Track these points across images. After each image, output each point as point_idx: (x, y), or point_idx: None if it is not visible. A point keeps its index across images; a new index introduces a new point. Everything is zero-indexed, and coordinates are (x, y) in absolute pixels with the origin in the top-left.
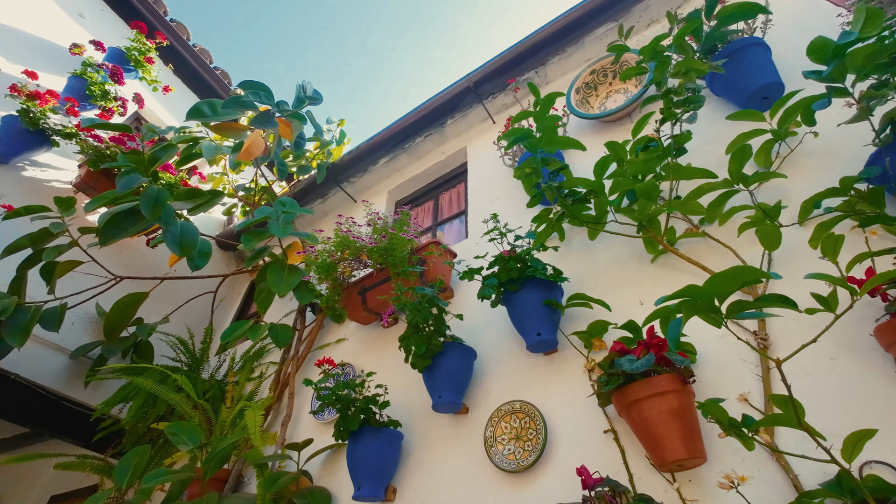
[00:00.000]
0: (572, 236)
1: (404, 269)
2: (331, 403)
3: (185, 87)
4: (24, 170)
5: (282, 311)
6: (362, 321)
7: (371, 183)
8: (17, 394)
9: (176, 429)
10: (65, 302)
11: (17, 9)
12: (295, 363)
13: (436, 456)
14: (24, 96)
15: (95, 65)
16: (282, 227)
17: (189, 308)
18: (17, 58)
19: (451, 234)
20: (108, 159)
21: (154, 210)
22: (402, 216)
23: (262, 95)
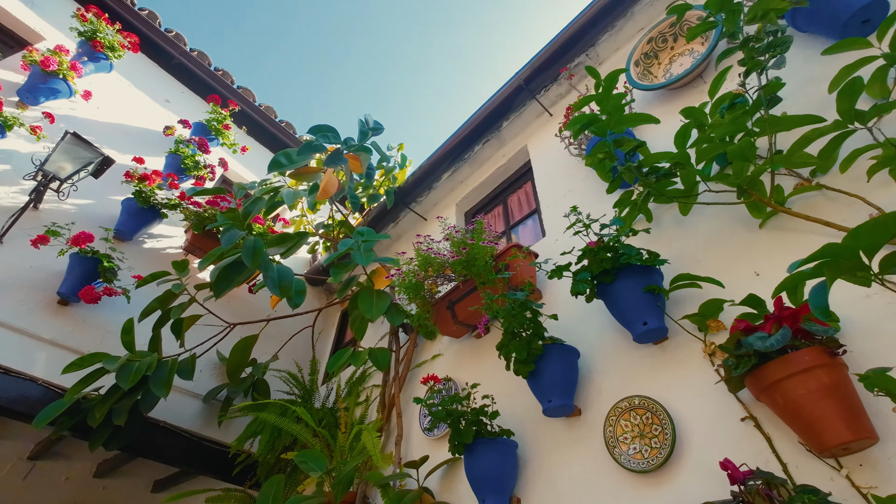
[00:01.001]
0: (660, 215)
1: (490, 278)
2: (442, 419)
3: (257, 143)
4: (144, 243)
5: (376, 334)
6: (454, 334)
7: (438, 199)
8: (166, 438)
9: (304, 457)
10: (194, 352)
11: (121, 108)
12: (397, 383)
13: (555, 462)
14: (135, 180)
15: (185, 141)
16: (364, 255)
17: (292, 343)
18: (126, 148)
19: (527, 234)
20: (207, 221)
21: (254, 259)
22: (478, 225)
23: (329, 136)
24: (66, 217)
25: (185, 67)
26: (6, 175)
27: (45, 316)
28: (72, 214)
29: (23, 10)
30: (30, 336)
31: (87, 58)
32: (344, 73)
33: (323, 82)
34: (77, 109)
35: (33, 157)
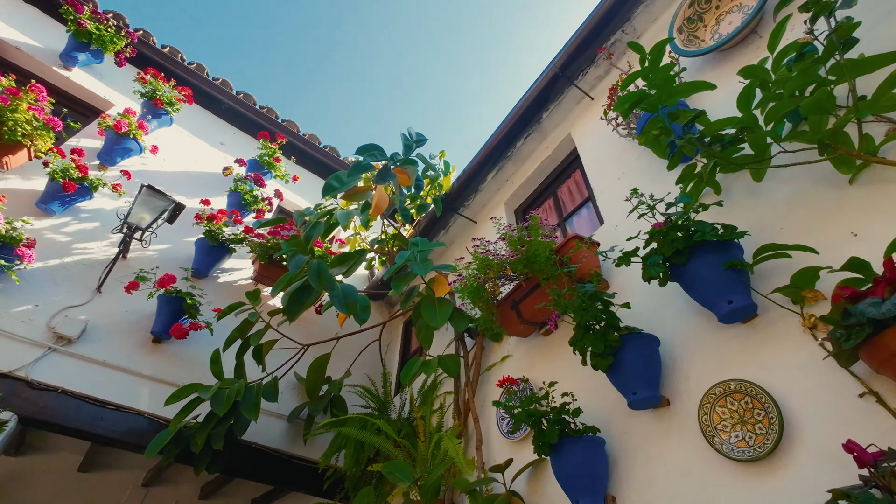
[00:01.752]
0: (730, 186)
1: (553, 273)
2: (523, 420)
3: (306, 171)
4: (218, 278)
5: (442, 342)
6: (522, 334)
7: (485, 200)
8: (260, 459)
9: (390, 468)
10: (275, 375)
11: (183, 156)
12: (470, 388)
13: (648, 456)
14: (204, 221)
15: (242, 178)
16: (422, 265)
17: (361, 358)
18: (193, 192)
19: (583, 224)
20: (271, 250)
21: (320, 280)
22: (533, 221)
23: (376, 154)
24: (151, 262)
25: (233, 110)
26: (97, 231)
27: (143, 354)
28: (155, 259)
29: (92, 82)
30: (132, 374)
31: (151, 115)
32: (372, 87)
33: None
34: (148, 163)
35: (117, 212)
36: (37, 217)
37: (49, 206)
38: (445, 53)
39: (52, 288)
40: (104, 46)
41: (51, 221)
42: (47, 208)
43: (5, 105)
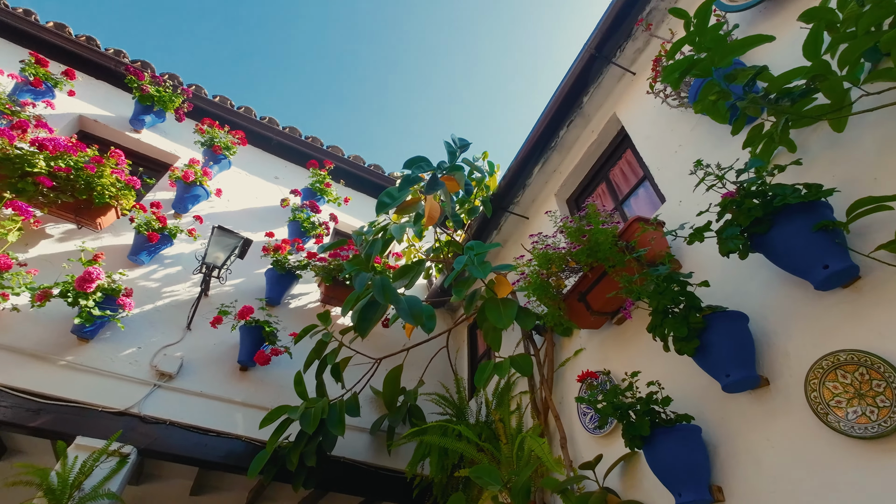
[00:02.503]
0: (805, 141)
1: (619, 260)
2: (609, 414)
3: (355, 191)
4: (289, 304)
5: (510, 342)
6: (593, 325)
7: (534, 195)
8: (349, 472)
9: (478, 472)
10: (354, 391)
11: (244, 195)
12: (546, 386)
13: (752, 441)
14: (271, 252)
15: (298, 207)
16: (480, 268)
17: (432, 366)
18: (257, 227)
19: (642, 205)
20: (334, 272)
21: (385, 296)
22: (590, 209)
23: (423, 166)
24: (229, 297)
25: (282, 144)
26: (180, 274)
27: (233, 382)
28: (232, 294)
29: (159, 140)
30: (226, 401)
31: (212, 161)
32: (403, 101)
33: (388, 118)
34: (215, 206)
35: (195, 255)
36: (129, 268)
37: (138, 256)
38: (474, 56)
39: (150, 330)
40: (165, 106)
41: (141, 270)
42: (137, 259)
43: (93, 173)
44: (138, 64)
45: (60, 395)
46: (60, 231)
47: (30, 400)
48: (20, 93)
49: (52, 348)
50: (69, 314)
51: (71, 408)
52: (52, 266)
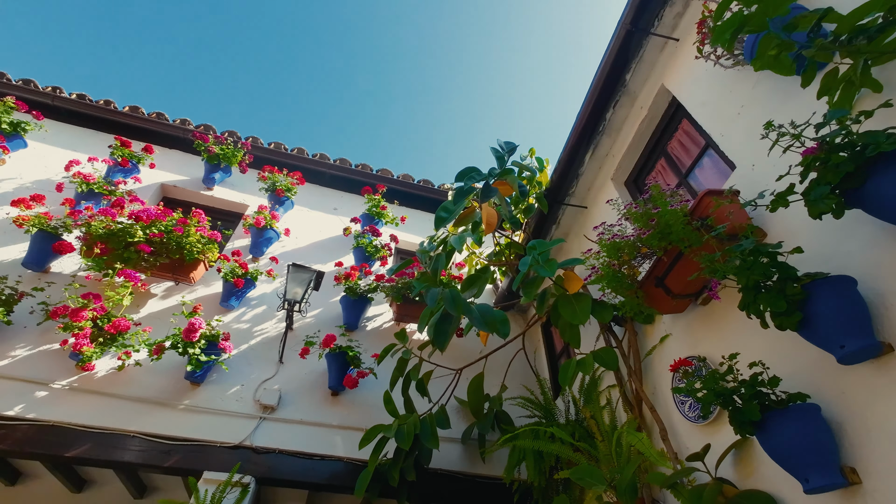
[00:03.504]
0: (889, 78)
1: (695, 239)
2: (712, 401)
3: (410, 209)
4: (366, 327)
5: (588, 336)
6: (675, 310)
7: (589, 183)
8: (447, 483)
9: (580, 474)
10: (440, 403)
11: (309, 230)
12: (635, 378)
13: (883, 416)
14: (343, 280)
15: (360, 233)
16: (547, 267)
17: (511, 370)
18: (325, 258)
19: (709, 175)
20: (403, 291)
21: (457, 308)
22: (654, 190)
23: (474, 176)
24: (312, 328)
25: (335, 177)
26: (265, 313)
27: (327, 407)
28: (314, 324)
29: (229, 193)
30: (324, 426)
31: (277, 204)
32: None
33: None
34: (286, 245)
35: (276, 293)
36: (222, 314)
37: (228, 302)
38: (504, 59)
39: (249, 368)
40: (229, 161)
41: (233, 314)
42: (228, 304)
43: (181, 234)
44: (201, 128)
45: (184, 436)
46: (162, 289)
47: (160, 442)
48: (113, 173)
49: (172, 395)
50: (181, 362)
51: (194, 446)
52: (161, 321)
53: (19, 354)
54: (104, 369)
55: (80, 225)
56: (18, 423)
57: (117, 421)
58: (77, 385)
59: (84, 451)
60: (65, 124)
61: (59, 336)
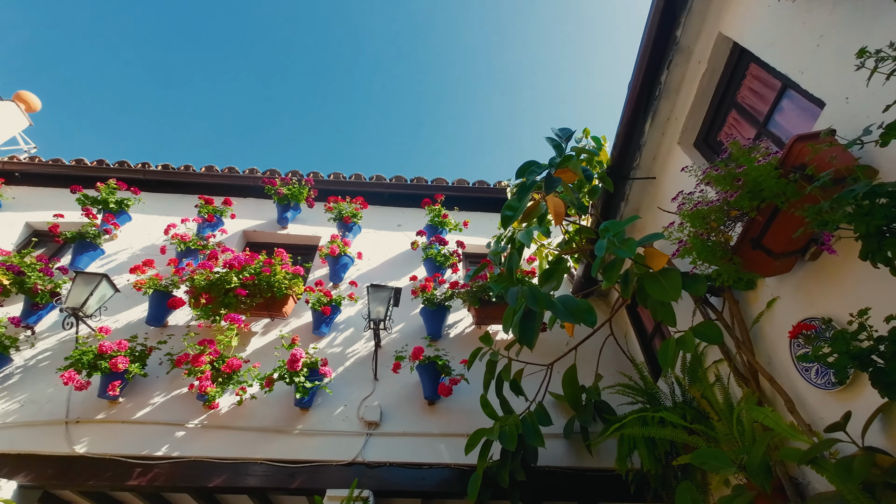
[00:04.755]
0: None
1: (792, 192)
2: (846, 364)
3: (470, 212)
4: (449, 335)
5: (682, 312)
6: (780, 270)
7: (653, 152)
8: (557, 480)
9: (702, 457)
10: (537, 401)
11: (378, 250)
12: (745, 349)
13: None
14: (419, 292)
15: (427, 245)
16: (625, 247)
17: (603, 358)
18: (400, 273)
19: (792, 118)
20: (479, 294)
21: (539, 303)
22: (733, 147)
23: (535, 170)
24: (398, 342)
25: (394, 195)
26: (353, 335)
27: (426, 416)
28: (400, 339)
29: (302, 228)
30: (426, 435)
31: (346, 230)
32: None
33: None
34: (361, 268)
35: (361, 314)
36: (316, 341)
37: (320, 329)
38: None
39: (348, 389)
40: (297, 199)
41: (325, 340)
42: (319, 332)
43: (269, 274)
44: (268, 173)
45: (303, 458)
46: (261, 326)
47: (284, 466)
48: (203, 229)
49: (286, 421)
50: (289, 391)
51: (313, 466)
52: (265, 356)
53: (157, 401)
54: (226, 406)
55: (185, 280)
56: (165, 461)
57: (244, 451)
58: (207, 423)
59: (222, 481)
60: (157, 193)
61: (186, 381)
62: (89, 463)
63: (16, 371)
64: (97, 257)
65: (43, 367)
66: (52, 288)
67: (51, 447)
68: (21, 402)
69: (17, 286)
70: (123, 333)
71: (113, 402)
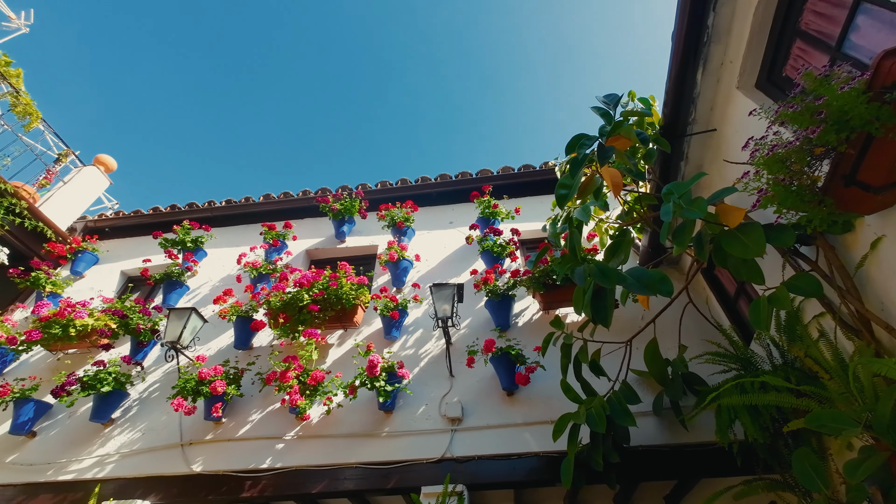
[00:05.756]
0: None
1: (888, 115)
2: None
3: (519, 198)
4: (518, 324)
5: (767, 268)
6: (882, 205)
7: (710, 102)
8: (651, 459)
9: (819, 420)
10: (621, 380)
11: (433, 250)
12: (851, 297)
13: None
14: (482, 285)
15: (482, 237)
16: (694, 208)
17: (684, 328)
18: (459, 269)
19: (871, 34)
20: (542, 279)
21: (608, 278)
22: (807, 77)
23: (585, 143)
24: (468, 337)
25: (441, 193)
26: (423, 336)
27: (506, 407)
28: (469, 334)
29: (359, 239)
30: (510, 426)
31: (401, 235)
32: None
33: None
34: (420, 269)
35: (427, 314)
36: (388, 345)
37: (391, 334)
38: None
39: (426, 388)
40: (350, 213)
41: (398, 344)
42: (391, 336)
43: (336, 287)
44: (320, 192)
45: (394, 459)
46: (336, 338)
47: (377, 468)
48: (270, 254)
49: (372, 425)
50: (372, 396)
51: (404, 466)
52: (344, 366)
53: (255, 418)
54: (316, 416)
55: (262, 304)
56: (270, 472)
57: (338, 456)
58: (301, 433)
59: (323, 487)
60: (225, 227)
61: (277, 397)
62: (206, 480)
63: (133, 404)
64: (184, 293)
65: (155, 397)
66: (151, 326)
67: (172, 468)
68: (142, 431)
69: (123, 328)
70: (217, 359)
71: (217, 423)
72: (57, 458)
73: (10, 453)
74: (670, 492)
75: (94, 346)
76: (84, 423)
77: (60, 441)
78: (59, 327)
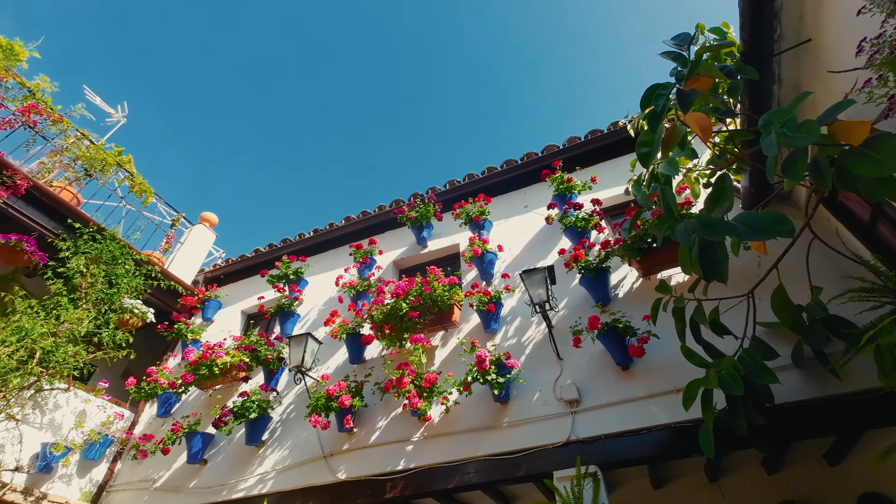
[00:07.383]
0: None
1: None
2: None
3: (593, 167)
4: (618, 295)
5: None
6: None
7: (797, 11)
8: (801, 416)
9: None
10: (754, 336)
11: (513, 237)
12: None
13: None
14: (573, 264)
15: (563, 215)
16: (804, 133)
17: (812, 269)
18: (546, 252)
19: None
20: (636, 244)
21: (716, 231)
22: None
23: (661, 92)
24: (569, 318)
25: (510, 179)
26: (523, 324)
27: (623, 381)
28: (568, 314)
29: (440, 241)
30: (632, 400)
31: (479, 229)
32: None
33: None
34: (505, 259)
35: (523, 302)
36: (490, 338)
37: (491, 327)
38: None
39: (537, 374)
40: (427, 217)
41: (499, 335)
42: (490, 329)
43: (429, 291)
44: (394, 204)
45: (518, 448)
46: (439, 339)
47: (505, 458)
48: (363, 272)
49: (492, 418)
50: (485, 390)
51: (532, 453)
52: (453, 365)
53: (381, 425)
54: (437, 416)
55: (366, 319)
56: (406, 473)
57: (465, 451)
58: (426, 434)
59: (458, 481)
60: (318, 255)
61: (398, 402)
62: (351, 486)
63: (277, 426)
64: (296, 321)
65: (293, 417)
66: (277, 354)
67: (321, 478)
68: (289, 448)
69: (255, 360)
70: (337, 376)
71: (350, 434)
72: (226, 479)
73: (191, 480)
74: (829, 449)
75: (235, 380)
76: (241, 447)
77: (226, 465)
78: (205, 368)
